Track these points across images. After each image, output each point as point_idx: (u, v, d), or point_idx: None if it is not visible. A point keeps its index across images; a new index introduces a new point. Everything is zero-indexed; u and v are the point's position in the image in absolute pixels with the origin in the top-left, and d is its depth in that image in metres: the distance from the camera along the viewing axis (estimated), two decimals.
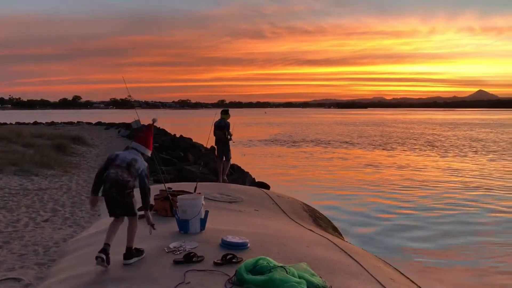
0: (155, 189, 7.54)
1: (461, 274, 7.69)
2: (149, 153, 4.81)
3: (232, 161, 11.70)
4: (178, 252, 4.66)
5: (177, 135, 31.26)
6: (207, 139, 10.55)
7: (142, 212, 6.32)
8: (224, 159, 10.95)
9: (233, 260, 4.36)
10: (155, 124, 5.09)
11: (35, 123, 57.58)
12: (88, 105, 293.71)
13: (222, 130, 10.77)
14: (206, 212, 5.55)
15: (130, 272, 4.42)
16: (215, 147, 11.19)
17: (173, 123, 69.78)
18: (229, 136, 10.83)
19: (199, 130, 41.56)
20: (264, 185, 13.55)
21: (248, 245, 4.90)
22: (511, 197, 13.83)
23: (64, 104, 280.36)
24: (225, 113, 11.09)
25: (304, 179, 17.85)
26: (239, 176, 14.49)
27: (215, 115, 10.59)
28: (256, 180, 14.96)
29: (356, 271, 4.75)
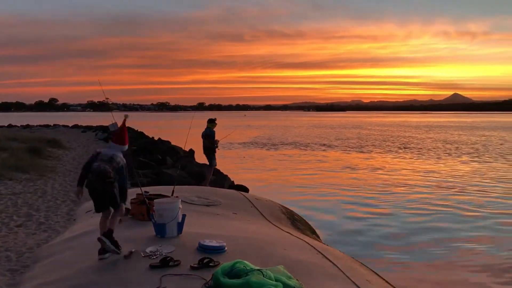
0: (132, 193, 7.47)
1: (436, 275, 7.82)
2: (126, 147, 5.18)
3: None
4: (155, 257, 4.62)
5: (156, 138, 31.01)
6: (184, 142, 10.51)
7: None
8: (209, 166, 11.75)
9: (210, 264, 4.35)
10: (127, 119, 5.38)
11: (10, 125, 56.30)
12: (65, 107, 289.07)
13: (207, 139, 11.49)
14: (183, 216, 5.52)
15: (106, 276, 4.37)
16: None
17: (152, 126, 69.26)
18: (215, 145, 11.54)
19: (177, 132, 41.33)
20: (243, 188, 13.53)
21: (225, 248, 4.90)
22: (482, 198, 14.14)
23: (40, 106, 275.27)
24: (210, 122, 11.79)
25: (283, 181, 17.92)
26: (218, 179, 14.44)
27: (193, 117, 10.60)
28: (235, 183, 14.94)
29: (333, 273, 4.79)
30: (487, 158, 25.73)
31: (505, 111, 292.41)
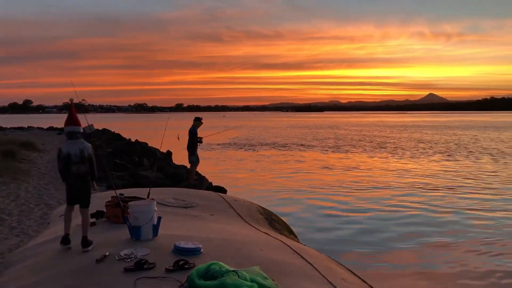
0: (106, 195, 7.39)
1: (410, 275, 7.94)
2: (81, 128, 5.59)
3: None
4: (129, 260, 4.56)
5: (133, 140, 30.67)
6: (160, 143, 10.44)
7: (93, 219, 6.19)
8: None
9: (186, 266, 4.32)
10: (74, 102, 5.91)
11: None
12: (40, 109, 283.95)
13: (189, 135, 12.54)
14: (159, 218, 5.47)
15: (79, 281, 4.30)
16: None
17: (129, 128, 68.54)
18: (197, 141, 12.68)
19: (155, 134, 40.95)
20: (220, 189, 13.49)
21: (201, 250, 4.87)
22: (455, 196, 14.43)
23: (14, 108, 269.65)
24: (195, 120, 12.90)
25: (261, 182, 17.94)
26: (196, 180, 14.36)
27: (168, 118, 10.60)
28: (213, 184, 14.88)
29: (309, 273, 4.81)
30: (458, 157, 26.35)
31: (479, 111, 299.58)
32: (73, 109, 5.62)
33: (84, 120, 7.07)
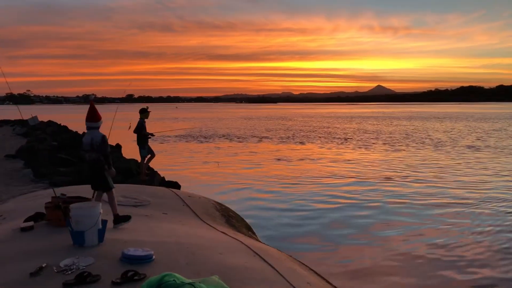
0: (49, 194, 6.74)
1: (366, 263, 7.81)
2: (99, 123, 5.92)
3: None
4: (70, 272, 3.99)
5: (80, 132, 29.28)
6: (107, 136, 9.74)
7: (30, 223, 5.56)
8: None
9: (135, 278, 3.82)
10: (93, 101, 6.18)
11: None
12: None
13: (137, 130, 11.68)
14: (105, 222, 4.92)
15: None
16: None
17: (76, 119, 65.72)
18: (149, 136, 11.90)
19: (104, 126, 39.48)
20: (174, 185, 12.92)
21: (153, 257, 4.39)
22: (391, 184, 14.64)
23: None
24: (141, 112, 11.87)
25: (216, 176, 17.48)
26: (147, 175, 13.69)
27: (117, 109, 9.91)
28: (166, 179, 14.25)
29: (272, 278, 4.44)
30: (400, 146, 27.31)
31: (424, 102, 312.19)
32: (91, 105, 6.01)
33: (25, 112, 6.54)
